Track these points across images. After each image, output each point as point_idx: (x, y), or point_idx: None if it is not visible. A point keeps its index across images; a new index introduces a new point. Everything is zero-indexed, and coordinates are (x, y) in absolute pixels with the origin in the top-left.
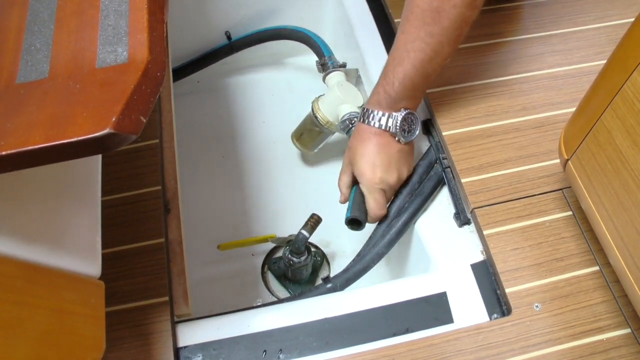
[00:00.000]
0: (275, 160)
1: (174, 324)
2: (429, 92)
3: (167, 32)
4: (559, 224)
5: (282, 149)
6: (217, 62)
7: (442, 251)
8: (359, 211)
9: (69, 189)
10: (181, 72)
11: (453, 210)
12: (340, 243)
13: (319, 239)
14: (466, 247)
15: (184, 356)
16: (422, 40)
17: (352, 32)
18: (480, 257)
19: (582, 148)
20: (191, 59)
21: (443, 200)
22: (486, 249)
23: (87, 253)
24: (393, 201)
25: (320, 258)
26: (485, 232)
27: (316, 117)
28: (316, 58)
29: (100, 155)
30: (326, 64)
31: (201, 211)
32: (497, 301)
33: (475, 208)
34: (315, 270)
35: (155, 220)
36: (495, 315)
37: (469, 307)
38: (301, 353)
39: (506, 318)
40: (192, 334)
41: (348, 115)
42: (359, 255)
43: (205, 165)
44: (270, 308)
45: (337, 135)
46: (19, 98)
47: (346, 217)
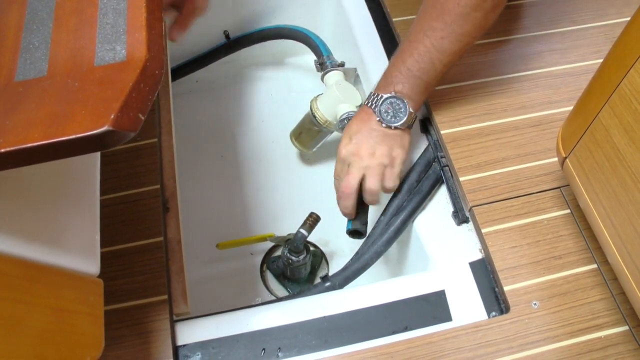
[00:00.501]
0: (274, 159)
1: (173, 323)
2: None
3: (165, 31)
4: (557, 222)
5: (280, 148)
6: (216, 61)
7: (440, 249)
8: (359, 222)
9: (68, 188)
10: (180, 71)
11: (451, 209)
12: (339, 242)
13: (317, 237)
14: (464, 245)
15: (183, 354)
16: (424, 32)
17: (350, 32)
18: (478, 255)
19: (579, 146)
20: (190, 58)
21: (441, 199)
22: (484, 247)
23: (86, 251)
24: (391, 200)
25: (319, 257)
26: (483, 231)
27: (315, 116)
28: (315, 57)
29: (99, 154)
30: (325, 63)
31: (200, 210)
32: (495, 299)
33: (474, 206)
34: (314, 269)
35: (154, 219)
36: (494, 313)
37: (467, 305)
38: (300, 351)
39: (504, 316)
40: (191, 333)
41: (346, 115)
42: (357, 253)
43: (204, 164)
44: (269, 306)
45: (335, 134)
46: (17, 96)
47: (347, 229)
